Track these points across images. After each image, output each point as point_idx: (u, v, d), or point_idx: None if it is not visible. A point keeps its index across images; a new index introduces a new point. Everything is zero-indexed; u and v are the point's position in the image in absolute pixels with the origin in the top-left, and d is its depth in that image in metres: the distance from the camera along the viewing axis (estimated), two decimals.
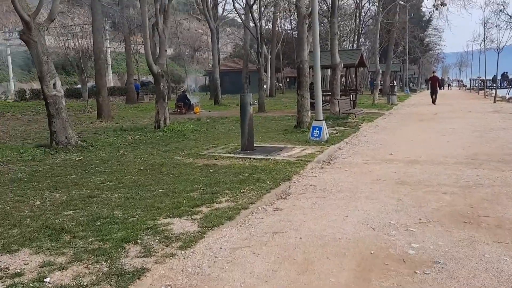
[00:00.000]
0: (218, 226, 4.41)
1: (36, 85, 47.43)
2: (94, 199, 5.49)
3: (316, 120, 10.24)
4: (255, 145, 9.48)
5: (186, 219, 4.60)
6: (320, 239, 4.15)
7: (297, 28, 12.77)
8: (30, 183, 6.52)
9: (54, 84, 9.52)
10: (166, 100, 13.40)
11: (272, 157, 8.15)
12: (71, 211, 4.96)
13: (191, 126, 13.98)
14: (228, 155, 8.55)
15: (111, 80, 49.55)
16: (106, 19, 47.67)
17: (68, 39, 35.65)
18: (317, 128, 10.04)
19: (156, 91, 13.60)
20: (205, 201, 5.28)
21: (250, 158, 8.15)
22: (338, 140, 10.48)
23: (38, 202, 5.38)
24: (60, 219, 4.65)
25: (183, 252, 3.78)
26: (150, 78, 57.35)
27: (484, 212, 4.87)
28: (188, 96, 22.02)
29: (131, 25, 35.51)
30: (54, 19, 9.63)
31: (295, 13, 15.96)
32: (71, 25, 38.41)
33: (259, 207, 5.17)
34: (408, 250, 3.82)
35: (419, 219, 4.67)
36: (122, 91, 38.72)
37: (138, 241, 3.97)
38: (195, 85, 58.71)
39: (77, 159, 8.51)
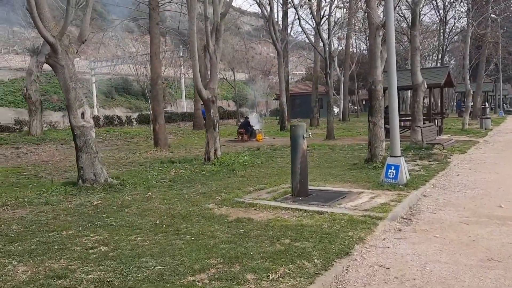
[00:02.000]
0: None
1: (118, 111, 49.68)
2: (60, 281, 3.84)
3: (391, 156, 7.93)
4: (310, 187, 7.45)
5: None
6: None
7: (369, 42, 10.62)
8: (11, 242, 5.09)
9: (83, 114, 8.34)
10: (217, 129, 11.84)
11: (329, 210, 6.04)
12: None
13: (245, 157, 12.24)
14: (273, 203, 6.59)
15: (184, 105, 50.31)
16: (181, 46, 48.83)
17: (145, 67, 36.51)
18: (393, 167, 7.73)
19: (206, 119, 12.13)
20: None
21: (300, 211, 6.12)
22: (422, 182, 8.03)
23: None
24: None
25: None
26: (220, 103, 57.73)
27: None
28: (250, 122, 20.48)
29: None
30: (85, 40, 8.56)
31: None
32: (143, 54, 39.40)
33: None
34: None
35: None
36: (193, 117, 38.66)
37: None
38: (265, 109, 57.86)
39: (95, 203, 7.10)
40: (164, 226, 5.58)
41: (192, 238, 4.99)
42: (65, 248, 4.79)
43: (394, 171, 7.70)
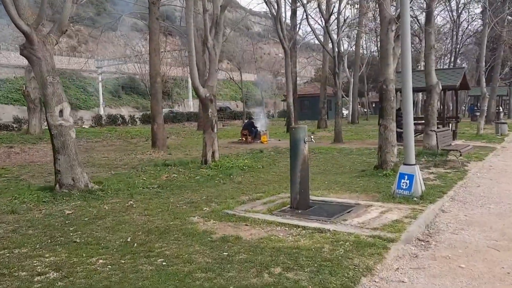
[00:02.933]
0: None
1: (125, 111, 49.06)
2: None
3: (405, 164, 6.97)
4: (312, 198, 6.57)
5: None
6: None
7: (380, 37, 9.68)
8: None
9: (61, 111, 7.51)
10: (215, 130, 10.98)
11: (331, 227, 5.11)
12: None
13: (245, 161, 11.35)
14: (267, 217, 5.67)
15: (191, 105, 49.66)
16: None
17: None
18: (406, 177, 6.78)
19: (203, 120, 11.28)
20: None
21: (298, 227, 5.20)
22: (439, 194, 7.06)
23: None
24: None
25: None
26: (228, 104, 56.92)
27: None
28: (255, 123, 19.58)
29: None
30: (66, 31, 7.73)
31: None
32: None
33: None
34: None
35: None
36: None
37: None
38: (274, 110, 56.96)
39: (66, 212, 6.25)
40: (135, 245, 4.70)
41: (164, 263, 4.11)
42: (8, 274, 3.93)
43: (407, 181, 6.75)
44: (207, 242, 4.71)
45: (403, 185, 6.74)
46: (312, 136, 6.19)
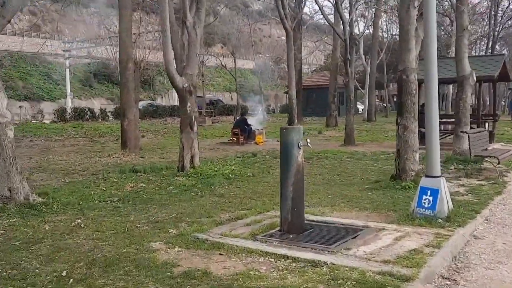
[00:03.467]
0: None
1: (97, 103, 48.53)
2: None
3: (427, 176, 6.54)
4: (309, 218, 6.25)
5: None
6: None
7: (399, 16, 9.26)
8: None
9: None
10: (194, 129, 10.57)
11: (330, 260, 4.68)
12: None
13: (233, 167, 10.96)
14: (249, 244, 5.23)
15: (175, 97, 49.23)
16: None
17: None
18: (429, 192, 6.34)
19: (181, 116, 10.88)
20: None
21: (286, 259, 4.77)
22: (471, 214, 6.62)
23: None
24: None
25: None
26: (221, 95, 56.56)
27: None
28: (248, 120, 19.21)
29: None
30: (9, 16, 7.27)
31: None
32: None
33: None
34: None
35: None
36: None
37: None
38: (275, 104, 56.60)
39: None
40: (71, 281, 4.27)
41: None
42: None
43: (430, 198, 6.31)
44: (164, 279, 4.27)
45: (424, 203, 6.31)
46: (308, 140, 5.77)
